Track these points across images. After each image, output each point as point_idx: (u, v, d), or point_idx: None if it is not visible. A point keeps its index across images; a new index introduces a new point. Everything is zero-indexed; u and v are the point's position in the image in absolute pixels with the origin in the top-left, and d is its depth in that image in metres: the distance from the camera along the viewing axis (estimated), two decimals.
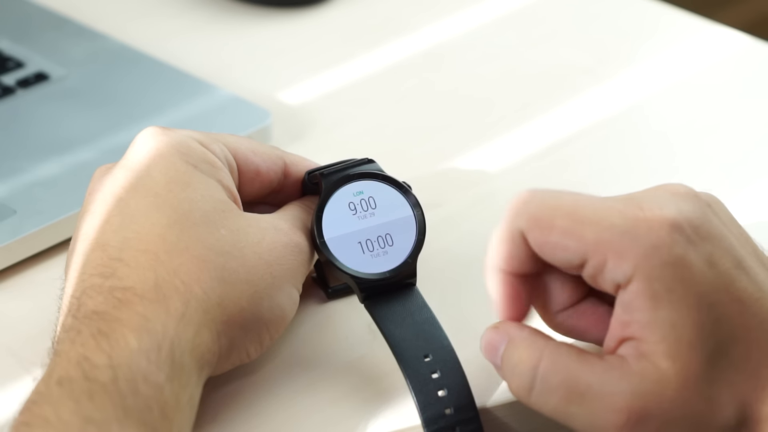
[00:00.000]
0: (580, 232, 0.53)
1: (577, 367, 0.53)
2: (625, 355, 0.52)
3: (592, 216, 0.53)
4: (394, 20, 0.94)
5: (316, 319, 0.64)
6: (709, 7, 1.55)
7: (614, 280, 0.53)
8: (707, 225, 0.54)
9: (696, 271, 0.52)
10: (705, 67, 0.88)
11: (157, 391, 0.52)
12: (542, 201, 0.54)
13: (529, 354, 0.54)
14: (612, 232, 0.53)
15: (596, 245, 0.53)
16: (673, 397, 0.51)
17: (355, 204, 0.62)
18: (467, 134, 0.81)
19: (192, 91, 0.83)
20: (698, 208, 0.54)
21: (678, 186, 0.56)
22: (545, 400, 0.53)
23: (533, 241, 0.54)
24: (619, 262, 0.52)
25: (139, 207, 0.58)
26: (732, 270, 0.53)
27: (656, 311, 0.52)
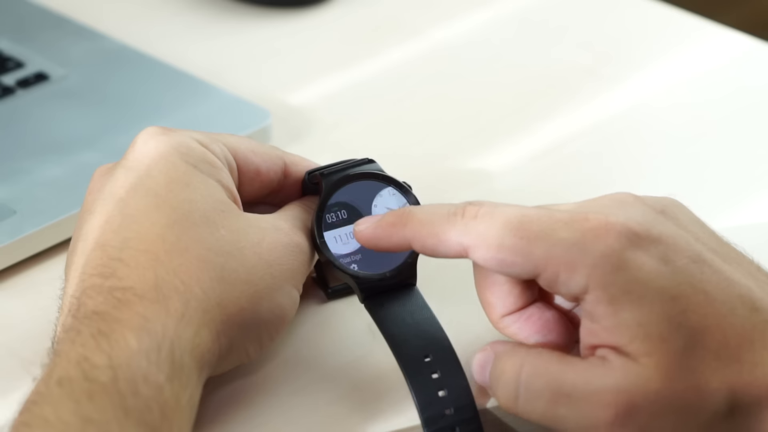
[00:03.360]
0: (528, 249, 0.53)
1: (559, 369, 0.53)
2: (605, 355, 0.53)
3: (539, 231, 0.53)
4: (394, 20, 0.94)
5: (316, 319, 0.64)
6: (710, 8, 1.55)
7: (569, 291, 0.53)
8: (657, 228, 0.54)
9: (650, 270, 0.53)
10: (706, 68, 0.88)
11: (157, 392, 0.52)
12: (489, 217, 0.54)
13: (511, 363, 0.54)
14: (560, 246, 0.53)
15: (546, 261, 0.53)
16: (659, 389, 0.52)
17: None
18: (467, 134, 0.81)
19: (192, 91, 0.83)
20: (645, 213, 0.55)
21: (624, 195, 0.56)
22: (532, 407, 0.53)
23: (479, 257, 0.54)
24: (571, 275, 0.53)
25: (139, 207, 0.58)
26: (690, 264, 0.53)
27: (618, 315, 0.52)
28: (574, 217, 0.54)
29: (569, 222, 0.53)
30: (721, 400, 0.52)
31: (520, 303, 0.57)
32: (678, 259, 0.53)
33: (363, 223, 0.59)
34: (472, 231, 0.55)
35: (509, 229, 0.54)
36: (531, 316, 0.57)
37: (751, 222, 0.73)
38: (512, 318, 0.57)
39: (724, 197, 0.75)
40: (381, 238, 0.58)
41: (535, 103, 0.84)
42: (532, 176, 0.77)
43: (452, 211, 0.56)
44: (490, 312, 0.57)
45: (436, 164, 0.78)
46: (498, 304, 0.57)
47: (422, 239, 0.56)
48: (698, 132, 0.81)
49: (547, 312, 0.57)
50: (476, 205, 0.55)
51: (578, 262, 0.53)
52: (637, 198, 0.56)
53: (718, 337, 0.52)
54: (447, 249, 0.56)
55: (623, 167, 0.78)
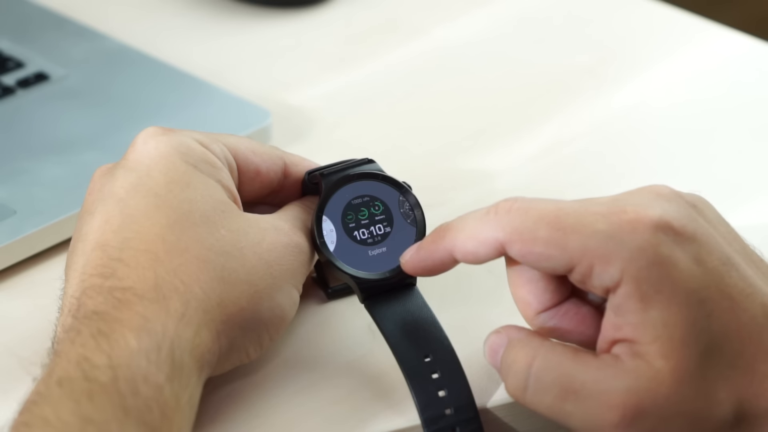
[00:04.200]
0: (564, 241, 0.53)
1: (571, 365, 0.53)
2: (619, 354, 0.52)
3: (575, 223, 0.53)
4: (394, 20, 0.94)
5: (316, 319, 0.64)
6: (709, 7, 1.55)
7: (602, 284, 0.53)
8: (692, 224, 0.54)
9: (683, 270, 0.52)
10: (706, 67, 0.88)
11: (157, 392, 0.52)
12: (524, 211, 0.54)
13: (524, 353, 0.54)
14: (596, 238, 0.53)
15: (581, 253, 0.53)
16: (669, 394, 0.51)
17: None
18: (467, 134, 0.81)
19: (192, 91, 0.83)
20: (682, 208, 0.54)
21: (661, 187, 0.56)
22: (540, 399, 0.53)
23: (516, 252, 0.54)
24: (605, 267, 0.52)
25: (139, 207, 0.58)
26: (720, 267, 0.53)
27: (646, 312, 0.52)
28: (611, 210, 0.53)
29: (606, 214, 0.53)
30: (729, 410, 0.52)
31: (556, 299, 0.56)
32: (709, 260, 0.53)
33: (407, 253, 0.58)
34: (507, 226, 0.54)
35: (545, 222, 0.53)
36: (567, 311, 0.56)
37: (751, 222, 0.73)
38: (548, 315, 0.56)
39: (724, 197, 0.75)
40: (426, 259, 0.57)
41: (535, 102, 0.84)
42: (532, 176, 0.77)
43: (485, 211, 0.55)
44: (526, 309, 0.57)
45: (436, 164, 0.78)
46: (533, 301, 0.56)
47: (462, 245, 0.56)
48: (698, 131, 0.81)
49: (582, 307, 0.56)
50: (510, 201, 0.55)
51: (614, 255, 0.52)
52: (673, 191, 0.55)
53: (736, 345, 0.52)
54: (487, 249, 0.55)
55: (623, 167, 0.78)
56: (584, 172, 0.78)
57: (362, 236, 0.62)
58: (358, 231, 0.62)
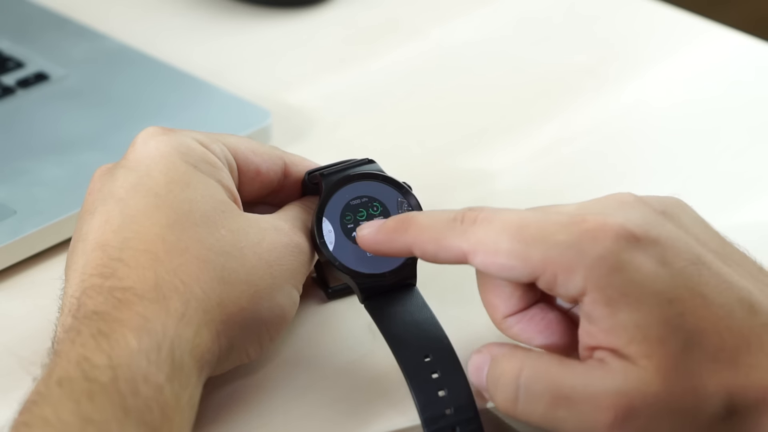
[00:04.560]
0: (526, 253, 0.53)
1: (558, 372, 0.53)
2: (603, 357, 0.53)
3: (537, 234, 0.53)
4: (394, 20, 0.94)
5: (316, 319, 0.64)
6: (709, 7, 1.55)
7: (568, 293, 0.53)
8: (656, 229, 0.54)
9: (647, 272, 0.52)
10: (705, 67, 0.88)
11: (157, 392, 0.52)
12: (488, 222, 0.54)
13: (510, 366, 0.54)
14: (557, 248, 0.53)
15: (543, 263, 0.53)
16: (657, 392, 0.52)
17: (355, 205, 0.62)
18: (467, 134, 0.81)
19: (192, 91, 0.83)
20: (645, 214, 0.54)
21: (625, 195, 0.56)
22: (532, 409, 0.53)
23: (478, 263, 0.54)
24: (569, 276, 0.53)
25: (139, 207, 0.58)
26: (689, 267, 0.53)
27: (616, 316, 0.52)
28: (572, 219, 0.54)
29: (567, 224, 0.53)
30: (719, 403, 0.52)
31: (523, 304, 0.57)
32: (676, 261, 0.53)
33: (365, 228, 0.59)
34: (471, 236, 0.55)
35: (507, 233, 0.54)
36: (534, 316, 0.57)
37: (753, 221, 0.73)
38: (515, 319, 0.57)
39: (724, 196, 0.75)
40: (382, 243, 0.58)
41: (536, 102, 0.84)
42: (532, 176, 0.77)
43: (452, 216, 0.56)
44: (493, 313, 0.57)
45: (436, 164, 0.78)
46: (501, 306, 0.57)
47: (422, 245, 0.56)
48: (698, 131, 0.81)
49: (549, 313, 0.57)
50: (476, 210, 0.55)
51: (575, 264, 0.53)
52: (638, 198, 0.56)
53: (715, 340, 0.52)
54: (447, 254, 0.56)
55: (623, 167, 0.78)
56: (584, 171, 0.78)
57: None
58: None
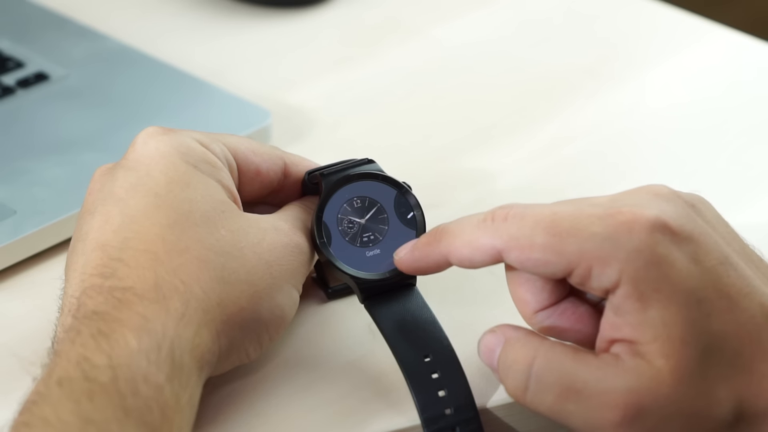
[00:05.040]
0: (561, 246, 0.53)
1: (572, 365, 0.53)
2: (619, 353, 0.52)
3: (571, 227, 0.53)
4: (394, 20, 0.94)
5: (316, 319, 0.64)
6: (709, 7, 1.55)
7: (601, 286, 0.53)
8: (689, 224, 0.54)
9: (681, 269, 0.52)
10: (705, 67, 0.88)
11: (157, 392, 0.52)
12: (520, 218, 0.54)
13: (524, 353, 0.54)
14: (593, 240, 0.53)
15: (579, 256, 0.53)
16: (669, 394, 0.51)
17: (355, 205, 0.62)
18: (467, 134, 0.81)
19: (192, 91, 0.83)
20: (680, 208, 0.54)
21: (659, 187, 0.56)
22: (541, 399, 0.53)
23: (513, 259, 0.54)
24: (603, 269, 0.52)
25: (139, 207, 0.58)
26: (718, 266, 0.53)
27: (645, 312, 0.52)
28: (607, 211, 0.53)
29: (602, 216, 0.53)
30: (728, 409, 0.52)
31: (554, 298, 0.56)
32: (707, 260, 0.53)
33: (402, 250, 0.59)
34: (504, 233, 0.54)
35: (541, 228, 0.53)
36: (565, 310, 0.56)
37: (754, 221, 0.73)
38: (546, 313, 0.56)
39: (724, 195, 0.75)
40: (420, 260, 0.57)
41: (536, 102, 0.84)
42: (532, 176, 0.77)
43: (482, 218, 0.55)
44: (524, 308, 0.57)
45: (436, 164, 0.78)
46: (531, 300, 0.56)
47: (458, 250, 0.56)
48: (698, 131, 0.81)
49: (580, 306, 0.56)
50: (506, 208, 0.55)
51: (611, 256, 0.52)
52: (672, 191, 0.55)
53: (735, 345, 0.52)
54: (482, 255, 0.55)
55: (624, 166, 0.78)
56: (585, 171, 0.78)
57: (362, 236, 0.62)
58: (358, 231, 0.62)
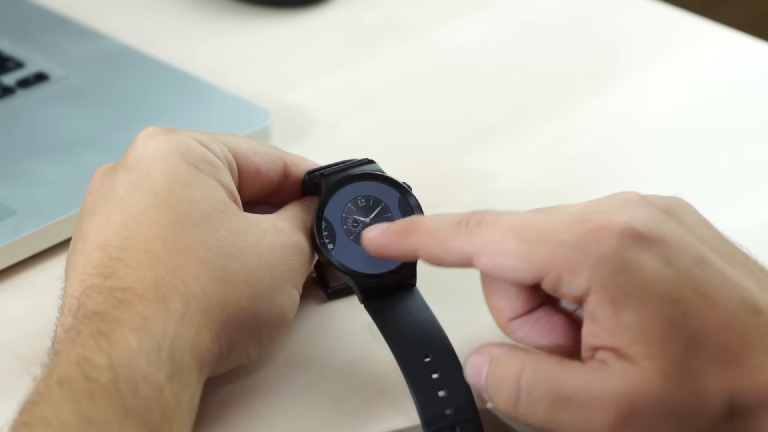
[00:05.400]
0: (530, 253, 0.53)
1: (559, 374, 0.53)
2: (605, 359, 0.52)
3: (540, 234, 0.53)
4: (394, 20, 0.94)
5: (316, 319, 0.64)
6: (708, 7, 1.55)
7: (572, 293, 0.53)
8: (660, 228, 0.54)
9: (652, 272, 0.52)
10: (705, 67, 0.88)
11: (157, 392, 0.52)
12: (492, 224, 0.54)
13: (511, 368, 0.54)
14: (562, 248, 0.53)
15: (548, 264, 0.53)
16: (659, 393, 0.51)
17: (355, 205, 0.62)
18: (467, 134, 0.81)
19: (192, 91, 0.83)
20: (650, 213, 0.54)
21: (630, 194, 0.56)
22: (532, 411, 0.53)
23: (483, 264, 0.54)
24: (573, 276, 0.53)
25: (139, 207, 0.58)
26: (693, 266, 0.53)
27: (619, 316, 0.52)
28: (576, 219, 0.54)
29: (571, 224, 0.53)
30: (721, 404, 0.52)
31: (528, 306, 0.56)
32: (680, 260, 0.53)
33: (371, 231, 0.59)
34: (476, 239, 0.55)
35: (511, 234, 0.54)
36: (539, 319, 0.56)
37: (755, 221, 0.73)
38: (520, 322, 0.57)
39: (725, 196, 0.75)
40: (388, 246, 0.58)
41: (535, 103, 0.84)
42: (532, 176, 0.77)
43: (457, 220, 0.56)
44: (498, 316, 0.57)
45: (436, 164, 0.78)
46: (506, 308, 0.57)
47: (428, 248, 0.56)
48: (699, 130, 0.81)
49: (554, 315, 0.57)
50: (480, 213, 0.55)
51: (580, 264, 0.53)
52: (642, 197, 0.56)
53: (718, 340, 0.52)
54: (452, 258, 0.55)
55: (624, 167, 0.78)
56: (585, 171, 0.78)
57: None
58: (359, 231, 0.62)
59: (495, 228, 0.54)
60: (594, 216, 0.54)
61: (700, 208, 0.58)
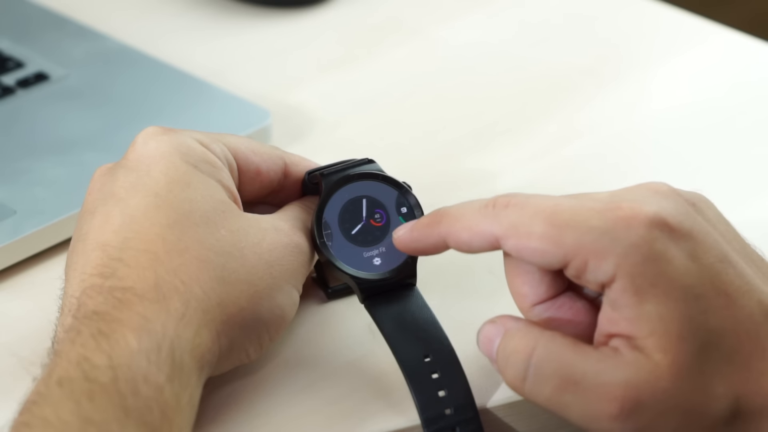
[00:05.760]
0: (559, 237, 0.53)
1: (571, 356, 0.53)
2: (618, 347, 0.52)
3: (570, 220, 0.53)
4: (394, 20, 0.94)
5: (316, 319, 0.64)
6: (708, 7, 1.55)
7: (597, 279, 0.53)
8: (689, 222, 0.54)
9: (678, 265, 0.52)
10: (705, 67, 0.88)
11: (158, 392, 0.52)
12: (521, 207, 0.54)
13: (524, 344, 0.54)
14: (591, 234, 0.53)
15: (576, 248, 0.53)
16: (667, 388, 0.51)
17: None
18: (467, 134, 0.81)
19: (192, 91, 0.83)
20: (679, 205, 0.54)
21: (659, 184, 0.56)
22: (539, 390, 0.53)
23: (511, 247, 0.54)
24: (600, 263, 0.52)
25: (140, 207, 0.58)
26: (716, 264, 0.53)
27: (642, 306, 0.52)
28: (607, 206, 0.53)
29: (601, 211, 0.53)
30: (725, 406, 0.52)
31: (552, 292, 0.56)
32: (706, 257, 0.53)
33: (401, 229, 0.59)
34: (504, 221, 0.54)
35: (541, 218, 0.54)
36: (562, 305, 0.56)
37: (756, 220, 0.73)
38: (543, 307, 0.56)
39: (725, 195, 0.75)
40: (418, 240, 0.58)
41: (535, 103, 0.84)
42: (533, 176, 0.77)
43: (483, 204, 0.56)
44: (521, 301, 0.57)
45: (436, 164, 0.78)
46: (530, 293, 0.56)
47: (456, 234, 0.56)
48: (699, 130, 0.81)
49: (577, 301, 0.56)
50: (508, 196, 0.55)
51: (608, 251, 0.52)
52: (672, 189, 0.55)
53: (732, 341, 0.52)
54: (481, 241, 0.55)
55: (624, 167, 0.78)
56: (586, 171, 0.78)
57: (362, 236, 0.62)
58: (358, 231, 0.62)
59: (524, 210, 0.54)
60: (624, 204, 0.53)
61: None
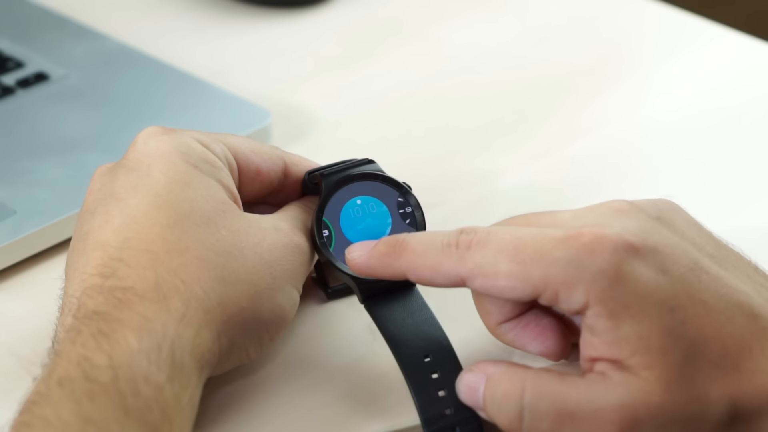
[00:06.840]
0: (525, 273, 0.53)
1: (562, 389, 0.53)
2: (604, 371, 0.52)
3: (534, 253, 0.53)
4: (394, 20, 0.94)
5: (316, 319, 0.64)
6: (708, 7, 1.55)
7: (570, 308, 0.53)
8: (653, 237, 0.54)
9: (648, 282, 0.52)
10: (706, 68, 0.88)
11: (158, 392, 0.52)
12: (483, 245, 0.54)
13: (512, 386, 0.54)
14: (556, 265, 0.53)
15: (544, 282, 0.53)
16: (661, 403, 0.51)
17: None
18: (468, 134, 0.81)
19: (192, 91, 0.83)
20: (642, 222, 0.54)
21: (620, 202, 0.55)
22: (537, 428, 0.53)
23: (478, 286, 0.54)
24: (570, 292, 0.53)
25: (140, 207, 0.58)
26: (688, 273, 0.53)
27: (619, 329, 0.52)
28: (568, 234, 0.53)
29: (563, 240, 0.53)
30: (723, 410, 0.52)
31: (517, 310, 0.57)
32: (675, 268, 0.53)
33: (355, 250, 0.58)
34: (468, 262, 0.54)
35: (504, 255, 0.53)
36: (528, 323, 0.57)
37: (756, 221, 0.73)
38: (509, 325, 0.57)
39: (725, 197, 0.75)
40: (375, 268, 0.57)
41: (536, 103, 0.84)
42: (533, 176, 0.77)
43: (446, 242, 0.55)
44: (487, 319, 0.57)
45: (436, 164, 0.78)
46: (495, 312, 0.57)
47: (418, 271, 0.56)
48: (700, 130, 0.81)
49: (543, 318, 0.57)
50: (469, 233, 0.55)
51: (576, 280, 0.52)
52: (632, 205, 0.55)
53: (717, 346, 0.52)
54: (444, 280, 0.55)
55: (624, 167, 0.78)
56: (584, 172, 0.78)
57: (362, 236, 0.62)
58: (358, 231, 0.62)
59: (487, 249, 0.54)
60: (585, 230, 0.53)
61: (702, 209, 0.58)
